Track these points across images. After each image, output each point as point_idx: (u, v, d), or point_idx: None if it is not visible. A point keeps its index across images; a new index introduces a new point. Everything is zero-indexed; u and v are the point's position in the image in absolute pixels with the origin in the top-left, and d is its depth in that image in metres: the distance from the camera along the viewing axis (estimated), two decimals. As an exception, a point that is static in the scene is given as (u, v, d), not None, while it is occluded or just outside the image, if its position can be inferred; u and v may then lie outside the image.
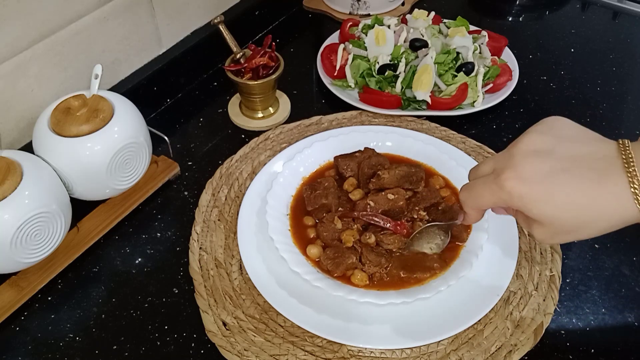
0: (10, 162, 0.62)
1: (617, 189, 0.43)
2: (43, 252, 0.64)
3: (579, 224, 0.46)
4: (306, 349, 0.60)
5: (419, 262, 0.65)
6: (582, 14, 1.14)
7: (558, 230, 0.47)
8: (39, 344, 0.62)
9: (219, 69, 0.97)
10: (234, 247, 0.70)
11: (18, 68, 0.70)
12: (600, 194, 0.44)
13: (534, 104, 0.92)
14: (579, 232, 0.47)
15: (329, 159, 0.78)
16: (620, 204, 0.44)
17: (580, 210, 0.45)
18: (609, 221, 0.45)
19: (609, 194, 0.44)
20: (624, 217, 0.44)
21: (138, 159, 0.72)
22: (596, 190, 0.44)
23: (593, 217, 0.45)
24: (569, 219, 0.46)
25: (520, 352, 0.60)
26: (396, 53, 0.90)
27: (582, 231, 0.46)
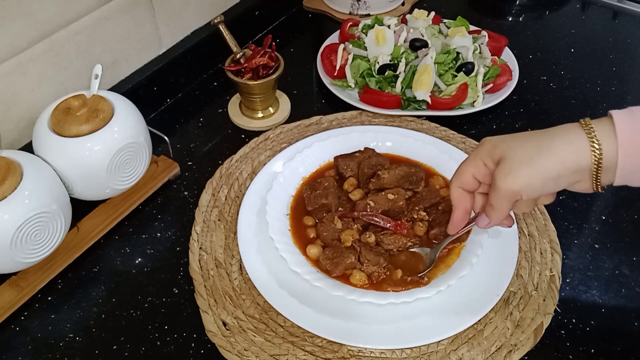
0: (10, 162, 0.62)
1: (571, 134, 0.49)
2: (43, 252, 0.64)
3: (530, 150, 0.50)
4: (306, 349, 0.60)
5: (418, 262, 0.65)
6: (582, 14, 1.14)
7: (512, 158, 0.50)
8: (39, 344, 0.62)
9: (219, 69, 0.97)
10: (234, 247, 0.70)
11: (18, 68, 0.70)
12: (557, 133, 0.50)
13: (534, 104, 0.92)
14: (531, 162, 0.49)
15: (329, 159, 0.78)
16: (573, 144, 0.48)
17: (537, 141, 0.50)
18: (562, 158, 0.48)
19: (564, 137, 0.49)
20: (574, 158, 0.48)
21: (138, 159, 0.72)
22: (553, 132, 0.50)
23: (548, 149, 0.49)
24: (524, 146, 0.50)
25: (520, 352, 0.60)
26: (396, 53, 0.90)
27: (537, 164, 0.49)
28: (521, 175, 0.50)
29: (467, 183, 0.56)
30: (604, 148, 0.47)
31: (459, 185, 0.56)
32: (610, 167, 0.48)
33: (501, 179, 0.51)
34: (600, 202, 0.76)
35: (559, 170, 0.49)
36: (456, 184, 0.56)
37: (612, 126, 0.47)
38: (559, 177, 0.49)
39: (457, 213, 0.58)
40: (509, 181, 0.50)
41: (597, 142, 0.47)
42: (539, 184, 0.50)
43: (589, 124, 0.49)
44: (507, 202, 0.52)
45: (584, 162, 0.48)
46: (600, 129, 0.48)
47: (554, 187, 0.50)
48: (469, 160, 0.55)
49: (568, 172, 0.49)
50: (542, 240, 0.70)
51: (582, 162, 0.48)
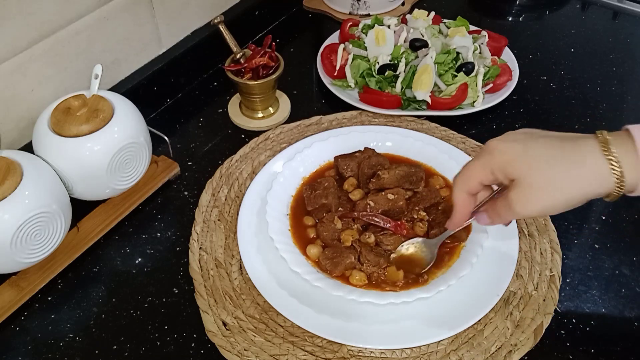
0: (10, 162, 0.62)
1: (591, 159, 0.47)
2: (43, 252, 0.64)
3: (550, 178, 0.48)
4: (306, 349, 0.60)
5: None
6: (582, 14, 1.14)
7: (531, 186, 0.48)
8: (39, 344, 0.62)
9: (219, 69, 0.97)
10: (234, 247, 0.70)
11: (18, 68, 0.70)
12: (576, 156, 0.48)
13: (534, 104, 0.92)
14: (551, 191, 0.48)
15: (329, 159, 0.78)
16: (596, 172, 0.47)
17: (557, 166, 0.48)
18: (585, 187, 0.47)
19: (585, 161, 0.47)
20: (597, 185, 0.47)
21: (138, 159, 0.72)
22: (570, 150, 0.48)
23: (569, 178, 0.47)
24: (543, 169, 0.48)
25: (520, 352, 0.60)
26: (396, 53, 0.90)
27: (553, 190, 0.48)
28: (541, 203, 0.49)
29: (473, 188, 0.54)
30: (625, 171, 0.46)
31: (465, 190, 0.55)
32: (632, 185, 0.47)
33: (519, 205, 0.49)
34: (600, 202, 0.76)
35: (581, 200, 0.48)
36: (462, 188, 0.55)
37: (631, 144, 0.46)
38: (579, 204, 0.48)
39: (459, 216, 0.57)
40: (527, 208, 0.49)
41: (619, 169, 0.46)
42: (560, 209, 0.49)
43: (607, 144, 0.47)
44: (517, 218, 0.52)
45: (608, 188, 0.47)
46: (619, 148, 0.47)
47: (573, 207, 0.49)
48: (477, 166, 0.53)
49: (590, 196, 0.48)
50: (542, 240, 0.70)
51: (606, 189, 0.47)
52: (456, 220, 0.58)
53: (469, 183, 0.54)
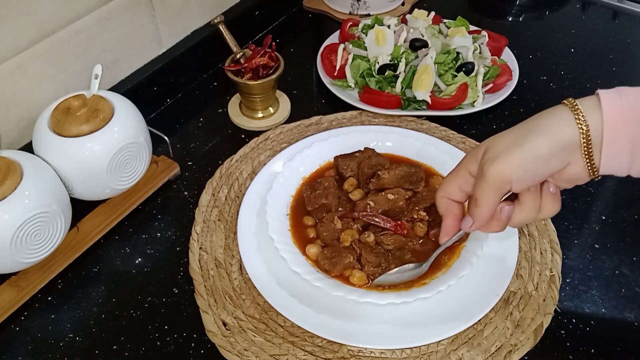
0: (10, 162, 0.62)
1: (556, 112, 0.48)
2: (43, 252, 0.64)
3: (515, 135, 0.48)
4: (306, 349, 0.60)
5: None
6: (582, 14, 1.14)
7: (503, 147, 0.48)
8: (39, 344, 0.62)
9: (219, 69, 0.97)
10: (234, 247, 0.70)
11: (18, 68, 0.70)
12: (541, 115, 0.49)
13: (534, 104, 0.92)
14: (523, 145, 0.47)
15: (329, 159, 0.78)
16: (559, 121, 0.47)
17: (521, 126, 0.49)
18: (549, 135, 0.47)
19: (549, 116, 0.48)
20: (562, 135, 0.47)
21: (138, 159, 0.72)
22: (536, 116, 0.49)
23: (534, 129, 0.48)
24: (507, 133, 0.49)
25: (520, 352, 0.60)
26: (396, 53, 0.90)
27: (525, 144, 0.47)
28: (509, 158, 0.47)
29: (452, 194, 0.54)
30: (589, 122, 0.46)
31: (444, 195, 0.54)
32: (598, 143, 0.46)
33: (488, 165, 0.48)
34: (600, 202, 0.76)
35: (548, 147, 0.47)
36: (441, 194, 0.54)
37: (597, 102, 0.46)
38: (550, 156, 0.47)
39: (447, 221, 0.55)
40: (496, 166, 0.47)
41: (582, 116, 0.46)
42: (530, 164, 0.47)
43: (573, 101, 0.48)
44: (493, 193, 0.48)
45: (572, 137, 0.46)
46: (585, 105, 0.47)
47: (546, 169, 0.47)
48: (453, 171, 0.53)
49: (557, 148, 0.47)
50: (542, 240, 0.70)
51: (570, 137, 0.46)
52: (445, 226, 0.56)
53: (446, 188, 0.54)
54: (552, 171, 0.48)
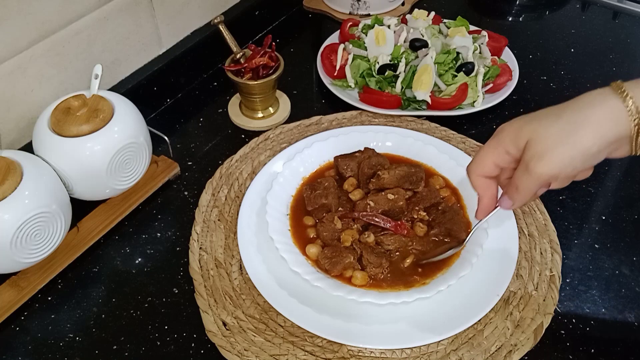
0: (10, 162, 0.62)
1: (605, 103, 0.45)
2: (43, 252, 0.64)
3: (562, 127, 0.46)
4: (306, 349, 0.60)
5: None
6: (582, 14, 1.14)
7: (545, 140, 0.47)
8: (39, 344, 0.62)
9: (219, 69, 0.97)
10: (234, 247, 0.70)
11: (18, 68, 0.70)
12: (589, 104, 0.46)
13: (534, 104, 0.92)
14: (565, 139, 0.46)
15: (329, 159, 0.78)
16: (610, 114, 0.45)
17: (569, 117, 0.46)
18: (601, 132, 0.45)
19: (599, 107, 0.46)
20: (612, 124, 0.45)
21: (138, 159, 0.72)
22: (583, 103, 0.47)
23: (583, 124, 0.46)
24: (552, 121, 0.47)
25: (520, 352, 0.60)
26: (396, 53, 0.90)
27: (575, 141, 0.46)
28: (559, 157, 0.46)
29: (488, 171, 0.53)
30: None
31: (480, 174, 0.53)
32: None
33: (535, 162, 0.47)
34: (600, 202, 0.76)
35: (599, 144, 0.45)
36: (477, 173, 0.53)
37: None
38: (599, 152, 0.46)
39: (485, 200, 0.55)
40: (544, 164, 0.46)
41: (635, 106, 0.44)
42: (579, 162, 0.46)
43: (622, 87, 0.45)
44: (538, 185, 0.48)
45: (624, 131, 0.45)
46: (635, 91, 0.45)
47: (594, 162, 0.47)
48: (489, 148, 0.51)
49: (608, 143, 0.46)
50: (542, 240, 0.70)
51: (622, 132, 0.45)
52: (482, 205, 0.55)
53: (482, 165, 0.53)
54: (598, 161, 0.47)
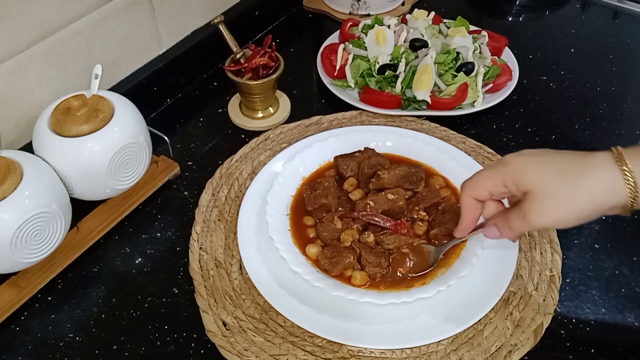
0: (10, 162, 0.62)
1: (605, 171, 0.47)
2: (43, 252, 0.64)
3: (562, 188, 0.48)
4: (306, 349, 0.60)
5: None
6: (582, 14, 1.14)
7: (545, 196, 0.48)
8: (39, 344, 0.62)
9: (219, 69, 0.97)
10: (234, 247, 0.70)
11: (18, 68, 0.70)
12: (589, 168, 0.48)
13: (534, 104, 0.92)
14: (563, 201, 0.48)
15: (329, 159, 0.78)
16: (608, 182, 0.46)
17: (569, 178, 0.48)
18: (598, 200, 0.47)
19: (598, 174, 0.47)
20: (609, 196, 0.47)
21: (138, 159, 0.72)
22: (585, 165, 0.48)
23: (582, 189, 0.47)
24: (556, 179, 0.48)
25: (520, 352, 0.60)
26: (396, 53, 0.90)
27: (572, 204, 0.48)
28: (555, 215, 0.49)
29: (481, 195, 0.55)
30: (637, 178, 0.46)
31: (472, 196, 0.55)
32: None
33: (533, 215, 0.49)
34: (600, 202, 0.76)
35: (594, 210, 0.48)
36: (469, 194, 0.55)
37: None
38: (592, 214, 0.48)
39: (466, 221, 0.57)
40: (541, 219, 0.49)
41: (632, 180, 0.46)
42: (572, 221, 0.49)
43: (622, 158, 0.47)
44: (530, 230, 0.52)
45: (621, 202, 0.47)
46: (634, 161, 0.46)
47: (587, 221, 0.49)
48: (489, 174, 0.53)
49: (603, 209, 0.48)
50: (542, 240, 0.70)
51: (619, 202, 0.47)
52: (463, 225, 0.58)
53: (477, 189, 0.54)
54: (592, 220, 0.49)
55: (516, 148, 0.84)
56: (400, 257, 0.65)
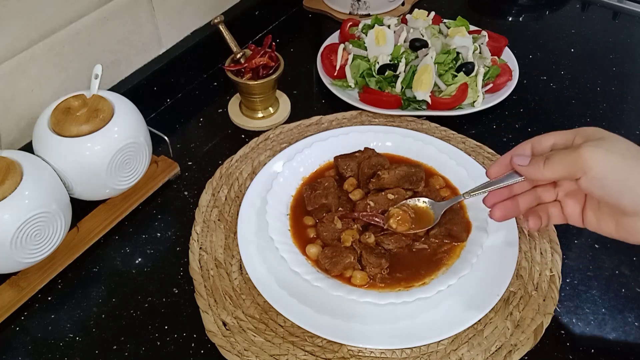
0: (10, 162, 0.62)
1: None
2: (43, 252, 0.64)
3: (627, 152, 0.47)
4: (306, 349, 0.60)
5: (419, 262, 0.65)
6: (582, 14, 1.14)
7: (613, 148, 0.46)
8: (39, 344, 0.62)
9: (219, 69, 0.97)
10: (234, 247, 0.70)
11: (18, 68, 0.70)
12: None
13: (534, 104, 0.92)
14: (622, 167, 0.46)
15: (329, 159, 0.78)
16: None
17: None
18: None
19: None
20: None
21: (138, 159, 0.72)
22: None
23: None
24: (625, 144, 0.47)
25: (520, 352, 0.60)
26: (396, 53, 0.90)
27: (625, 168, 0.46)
28: (609, 158, 0.47)
29: (540, 144, 0.53)
30: None
31: (534, 142, 0.53)
32: None
33: (587, 145, 0.47)
34: (600, 202, 0.76)
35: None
36: (531, 139, 0.53)
37: None
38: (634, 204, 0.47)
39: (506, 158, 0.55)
40: (592, 152, 0.46)
41: None
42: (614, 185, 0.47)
43: None
44: (565, 168, 0.48)
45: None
46: None
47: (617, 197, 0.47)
48: (560, 132, 0.52)
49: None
50: (542, 240, 0.70)
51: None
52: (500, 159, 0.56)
53: (543, 137, 0.53)
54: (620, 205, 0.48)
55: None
56: (403, 214, 0.65)
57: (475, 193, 0.58)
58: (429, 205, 0.66)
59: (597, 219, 0.54)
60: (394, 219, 0.66)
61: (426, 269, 0.65)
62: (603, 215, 0.53)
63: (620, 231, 0.52)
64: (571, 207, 0.56)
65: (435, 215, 0.66)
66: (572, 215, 0.56)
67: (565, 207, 0.56)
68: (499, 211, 0.56)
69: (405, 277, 0.64)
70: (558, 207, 0.57)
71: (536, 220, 0.56)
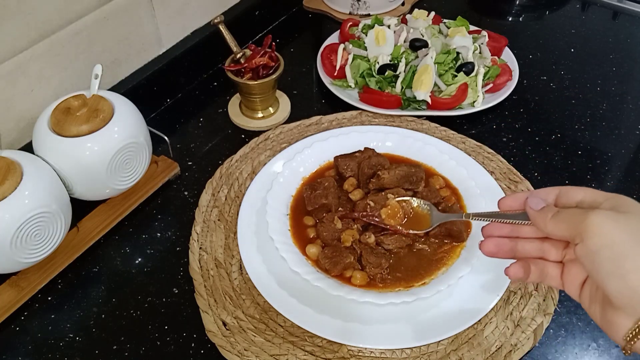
0: (10, 162, 0.62)
1: None
2: (43, 252, 0.64)
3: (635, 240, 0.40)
4: (306, 349, 0.60)
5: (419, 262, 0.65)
6: (582, 14, 1.14)
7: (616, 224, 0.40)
8: (39, 344, 0.62)
9: (219, 69, 0.97)
10: (234, 247, 0.70)
11: (18, 68, 0.70)
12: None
13: (534, 104, 0.92)
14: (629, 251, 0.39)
15: (329, 159, 0.78)
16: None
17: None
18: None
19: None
20: None
21: (138, 159, 0.72)
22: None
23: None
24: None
25: (520, 352, 0.60)
26: (396, 53, 0.90)
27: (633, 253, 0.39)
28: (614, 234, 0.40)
29: (567, 195, 0.46)
30: None
31: (560, 188, 0.47)
32: None
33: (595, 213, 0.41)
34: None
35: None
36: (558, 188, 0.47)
37: None
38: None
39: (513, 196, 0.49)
40: (603, 217, 0.41)
41: None
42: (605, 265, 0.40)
43: None
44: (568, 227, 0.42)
45: None
46: None
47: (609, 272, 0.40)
48: (592, 190, 0.46)
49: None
50: (542, 240, 0.70)
51: None
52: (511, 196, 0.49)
53: (571, 189, 0.47)
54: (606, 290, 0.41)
55: (516, 148, 0.84)
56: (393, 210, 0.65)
57: (479, 219, 0.53)
58: (429, 212, 0.66)
59: (590, 298, 0.46)
60: (386, 210, 0.66)
61: (426, 269, 0.65)
62: (597, 296, 0.45)
63: (603, 321, 0.44)
64: (573, 275, 0.48)
65: (432, 223, 0.65)
66: (570, 284, 0.49)
67: (566, 273, 0.49)
68: (491, 245, 0.51)
69: (405, 277, 0.64)
70: (558, 270, 0.50)
71: (520, 270, 0.49)
